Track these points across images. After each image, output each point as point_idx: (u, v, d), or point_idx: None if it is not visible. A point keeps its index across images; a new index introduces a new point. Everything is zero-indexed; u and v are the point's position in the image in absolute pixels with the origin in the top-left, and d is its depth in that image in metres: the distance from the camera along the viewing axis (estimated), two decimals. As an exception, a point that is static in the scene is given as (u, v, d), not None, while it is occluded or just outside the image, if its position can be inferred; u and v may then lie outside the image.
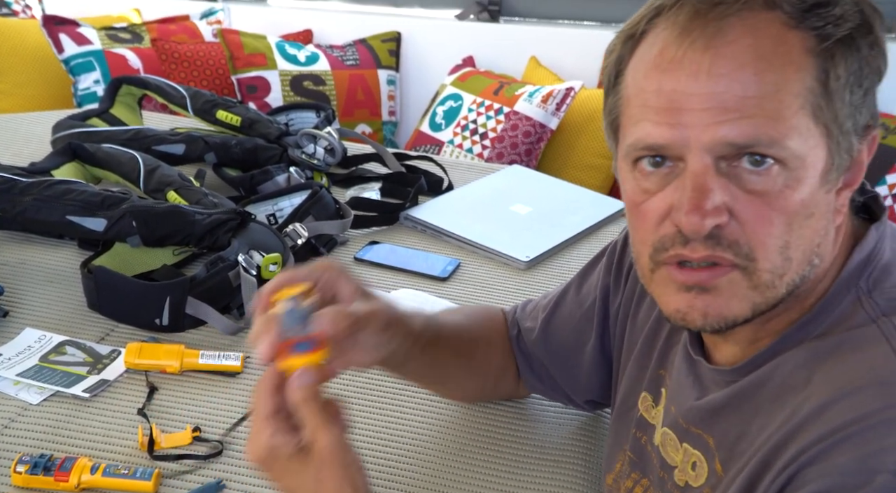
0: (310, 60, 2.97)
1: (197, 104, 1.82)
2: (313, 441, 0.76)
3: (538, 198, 1.76)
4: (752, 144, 0.65)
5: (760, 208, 0.67)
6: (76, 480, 0.96)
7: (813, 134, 0.66)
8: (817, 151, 0.67)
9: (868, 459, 0.62)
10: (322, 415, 0.77)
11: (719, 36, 0.65)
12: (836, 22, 0.66)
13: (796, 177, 0.66)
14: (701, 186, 0.67)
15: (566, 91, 2.68)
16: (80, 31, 2.88)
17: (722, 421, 0.76)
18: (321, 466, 0.76)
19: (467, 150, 2.77)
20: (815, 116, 0.66)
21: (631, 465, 0.91)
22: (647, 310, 0.94)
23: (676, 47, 0.67)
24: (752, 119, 0.65)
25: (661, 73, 0.68)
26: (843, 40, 0.66)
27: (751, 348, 0.76)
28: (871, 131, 0.70)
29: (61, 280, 1.38)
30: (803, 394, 0.69)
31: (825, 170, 0.67)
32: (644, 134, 0.69)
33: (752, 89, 0.65)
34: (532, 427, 1.12)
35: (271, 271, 1.34)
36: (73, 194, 1.34)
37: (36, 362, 1.17)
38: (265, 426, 0.77)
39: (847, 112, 0.67)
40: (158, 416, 1.10)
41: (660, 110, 0.68)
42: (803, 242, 0.68)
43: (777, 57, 0.65)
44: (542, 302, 1.09)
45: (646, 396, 0.91)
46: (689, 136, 0.67)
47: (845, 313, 0.71)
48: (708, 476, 0.77)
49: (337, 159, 1.76)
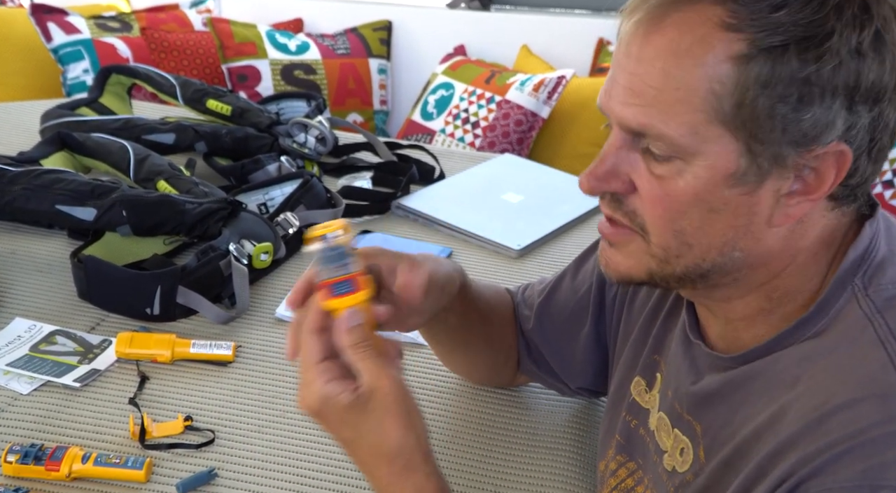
0: (300, 49, 2.96)
1: (187, 93, 1.81)
2: (372, 388, 0.74)
3: (530, 186, 1.76)
4: (644, 132, 0.70)
5: (656, 190, 0.71)
6: (67, 469, 0.96)
7: (713, 135, 0.67)
8: (720, 152, 0.68)
9: (869, 473, 0.62)
10: (380, 359, 0.75)
11: (656, 22, 0.68)
12: (775, 30, 0.64)
13: (691, 171, 0.69)
14: (603, 153, 0.73)
15: (558, 79, 2.68)
16: (69, 19, 2.86)
17: (711, 409, 0.77)
18: (384, 414, 0.74)
19: (459, 139, 2.76)
20: (719, 119, 0.67)
21: (617, 448, 0.92)
22: (643, 298, 0.94)
23: (628, 22, 0.71)
24: (648, 109, 0.68)
25: (619, 43, 0.72)
26: (770, 50, 0.64)
27: (745, 332, 0.77)
28: (823, 148, 0.67)
29: (51, 270, 1.37)
30: (792, 393, 0.69)
31: (734, 172, 0.68)
32: (599, 96, 0.74)
33: (656, 81, 0.68)
34: (525, 415, 1.13)
35: (262, 261, 1.34)
36: (62, 184, 1.34)
37: (26, 352, 1.17)
38: (318, 373, 0.75)
39: (769, 124, 0.66)
40: (150, 405, 1.10)
41: (607, 78, 0.73)
42: (707, 234, 0.71)
43: (690, 57, 0.66)
44: (537, 288, 1.09)
45: (639, 380, 0.91)
46: (611, 106, 0.72)
47: (842, 312, 0.71)
48: (692, 463, 0.78)
49: (328, 148, 1.76)
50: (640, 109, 0.69)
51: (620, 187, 0.73)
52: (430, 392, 1.15)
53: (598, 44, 2.94)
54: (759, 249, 0.72)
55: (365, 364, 0.75)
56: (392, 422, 0.74)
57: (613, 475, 0.92)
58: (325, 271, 0.75)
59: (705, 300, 0.79)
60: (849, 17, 0.64)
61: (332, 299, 0.75)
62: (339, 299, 0.75)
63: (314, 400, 0.75)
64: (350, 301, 0.75)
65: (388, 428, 0.74)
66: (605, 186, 0.73)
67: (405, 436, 0.74)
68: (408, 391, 0.75)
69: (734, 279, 0.74)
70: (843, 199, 0.72)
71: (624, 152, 0.72)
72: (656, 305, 0.92)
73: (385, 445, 0.75)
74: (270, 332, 1.26)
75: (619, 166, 0.72)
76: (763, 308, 0.75)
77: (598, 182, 0.73)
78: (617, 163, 0.72)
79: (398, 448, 0.75)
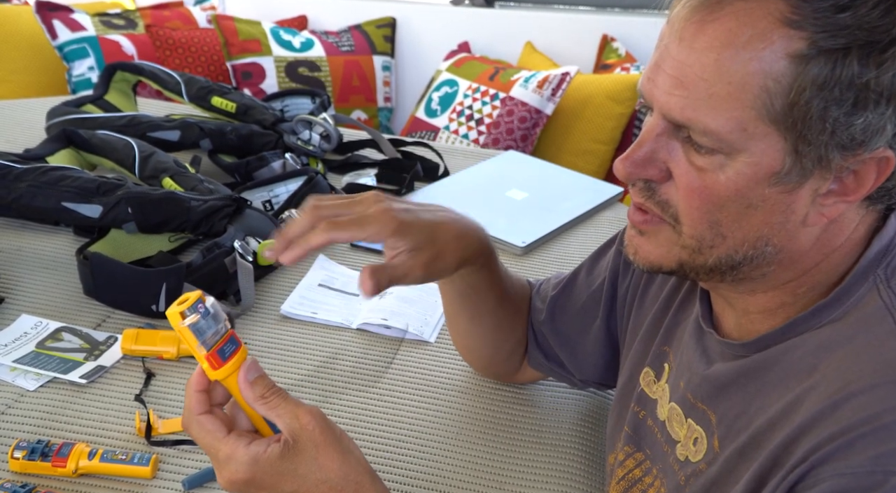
0: (305, 46, 2.96)
1: (192, 91, 1.81)
2: (295, 430, 0.74)
3: (534, 183, 1.76)
4: (688, 126, 0.68)
5: (695, 182, 0.70)
6: (74, 465, 0.97)
7: (761, 133, 0.66)
8: (766, 150, 0.67)
9: (882, 458, 0.62)
10: (289, 401, 0.75)
11: (715, 10, 0.66)
12: (838, 31, 0.62)
13: (734, 166, 0.68)
14: (642, 139, 0.71)
15: (562, 76, 2.68)
16: (74, 17, 2.86)
17: (727, 398, 0.77)
18: (316, 450, 0.74)
19: (463, 136, 2.76)
20: (769, 118, 0.66)
21: (626, 439, 0.92)
22: (655, 291, 0.95)
23: (682, 6, 0.68)
24: (695, 102, 0.67)
25: (667, 26, 0.70)
26: (831, 52, 0.63)
27: (761, 325, 0.77)
28: (870, 153, 0.66)
29: (57, 267, 1.37)
30: (809, 381, 0.69)
31: (777, 171, 0.67)
32: (640, 79, 0.73)
33: (708, 74, 0.66)
34: (529, 412, 1.13)
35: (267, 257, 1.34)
36: (68, 181, 1.34)
37: (32, 349, 1.17)
38: (234, 443, 0.75)
39: (820, 126, 0.65)
40: (156, 402, 1.10)
41: (651, 62, 0.71)
42: (742, 227, 0.70)
43: (747, 51, 0.65)
44: (553, 281, 1.10)
45: (648, 371, 0.91)
46: (655, 94, 0.70)
47: (861, 301, 0.71)
48: (706, 452, 0.78)
49: (332, 145, 1.76)
50: (688, 101, 0.67)
51: (656, 175, 0.72)
52: (435, 389, 1.15)
53: (602, 40, 2.94)
54: (791, 246, 0.71)
55: (278, 411, 0.75)
56: (327, 454, 0.74)
57: (621, 466, 0.92)
58: (208, 338, 0.74)
59: (728, 292, 0.79)
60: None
61: (223, 365, 0.75)
62: (230, 362, 0.75)
63: (243, 469, 0.74)
64: (240, 358, 0.76)
65: (325, 462, 0.74)
66: (641, 172, 0.72)
67: (345, 462, 0.75)
68: (329, 421, 0.75)
69: (763, 274, 0.74)
70: (878, 199, 0.71)
71: (664, 139, 0.71)
72: (668, 297, 0.92)
73: (329, 478, 0.75)
74: (275, 328, 1.26)
75: (657, 153, 0.71)
76: (785, 302, 0.75)
77: (636, 168, 0.72)
78: (655, 149, 0.71)
79: (343, 476, 0.75)
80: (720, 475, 0.75)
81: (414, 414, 1.11)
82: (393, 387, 1.15)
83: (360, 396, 1.13)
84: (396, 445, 1.06)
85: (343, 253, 1.48)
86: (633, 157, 0.72)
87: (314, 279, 1.38)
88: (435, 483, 1.01)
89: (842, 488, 0.62)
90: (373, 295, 0.83)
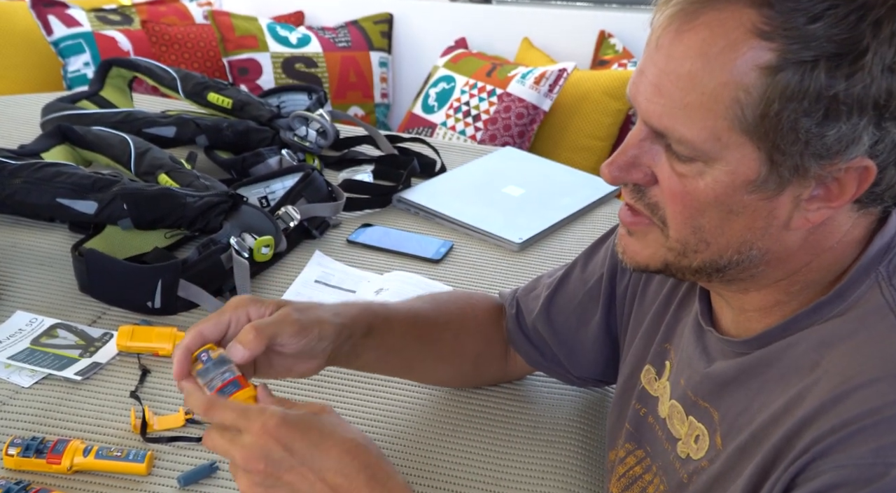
0: (301, 42, 2.96)
1: (188, 86, 1.80)
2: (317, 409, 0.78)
3: (531, 179, 1.76)
4: (665, 134, 0.69)
5: (676, 187, 0.71)
6: (69, 462, 0.96)
7: (735, 142, 0.67)
8: (741, 159, 0.67)
9: (882, 451, 0.62)
10: (299, 405, 0.79)
11: (690, 19, 0.66)
12: (807, 43, 0.62)
13: (712, 174, 0.69)
14: (626, 144, 0.73)
15: (559, 72, 2.67)
16: (70, 12, 2.85)
17: (729, 396, 0.77)
18: (341, 422, 0.79)
19: (460, 132, 2.76)
20: (741, 128, 0.66)
21: (626, 436, 0.92)
22: (655, 289, 0.95)
23: (661, 13, 0.69)
24: (671, 110, 0.68)
25: (651, 34, 0.70)
26: (799, 64, 0.63)
27: (758, 322, 0.77)
28: (846, 163, 0.66)
29: (52, 263, 1.37)
30: (811, 377, 0.69)
31: (753, 179, 0.68)
32: (628, 84, 0.74)
33: (683, 83, 0.67)
34: (526, 409, 1.13)
35: (263, 254, 1.34)
36: (63, 177, 1.34)
37: (27, 345, 1.17)
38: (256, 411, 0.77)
39: (793, 137, 0.65)
40: (151, 398, 1.10)
41: (637, 68, 0.72)
42: (725, 233, 0.71)
43: (719, 61, 0.65)
44: (545, 280, 1.10)
45: (649, 368, 0.92)
46: (638, 100, 0.71)
47: (863, 298, 0.71)
48: (708, 450, 0.78)
49: (329, 142, 1.75)
50: (665, 109, 0.68)
51: (642, 179, 0.73)
52: (430, 386, 1.15)
53: (600, 36, 2.93)
54: (777, 248, 0.72)
55: (297, 407, 0.79)
56: (349, 426, 0.79)
57: (622, 463, 0.92)
58: (213, 379, 0.81)
59: (723, 290, 0.79)
60: (886, 34, 0.62)
61: None
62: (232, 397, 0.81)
63: (279, 414, 0.76)
64: (241, 397, 0.80)
65: (349, 427, 0.79)
66: (626, 176, 0.74)
67: (365, 437, 0.79)
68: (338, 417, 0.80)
69: (751, 275, 0.74)
70: (869, 203, 0.71)
71: (647, 144, 0.72)
72: (668, 294, 0.92)
73: (356, 437, 0.78)
74: (271, 325, 1.26)
75: (640, 158, 0.73)
76: (780, 301, 0.76)
77: (620, 172, 0.74)
78: (639, 154, 0.73)
79: (365, 438, 0.79)
80: (723, 471, 0.75)
81: (410, 410, 1.11)
82: (388, 384, 1.15)
83: (355, 393, 1.13)
84: (393, 441, 1.06)
85: (339, 250, 1.48)
86: (617, 162, 0.74)
87: (310, 276, 1.38)
88: (432, 480, 1.01)
89: (843, 479, 0.62)
90: None
